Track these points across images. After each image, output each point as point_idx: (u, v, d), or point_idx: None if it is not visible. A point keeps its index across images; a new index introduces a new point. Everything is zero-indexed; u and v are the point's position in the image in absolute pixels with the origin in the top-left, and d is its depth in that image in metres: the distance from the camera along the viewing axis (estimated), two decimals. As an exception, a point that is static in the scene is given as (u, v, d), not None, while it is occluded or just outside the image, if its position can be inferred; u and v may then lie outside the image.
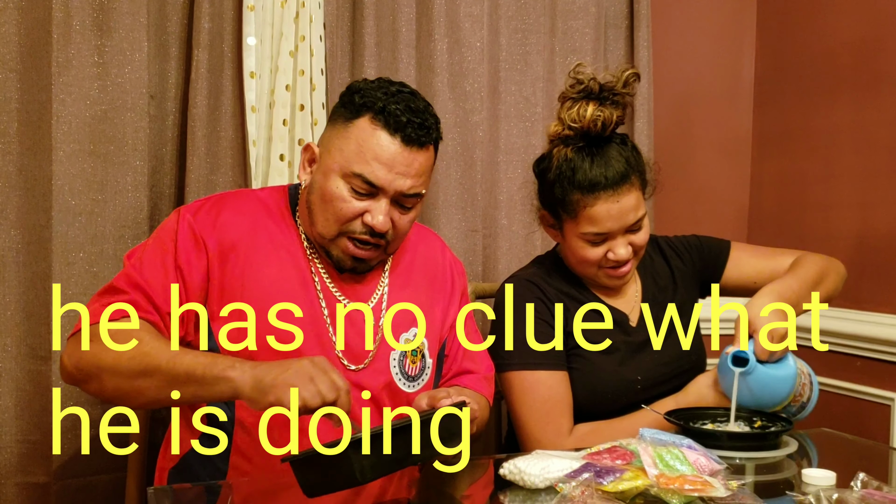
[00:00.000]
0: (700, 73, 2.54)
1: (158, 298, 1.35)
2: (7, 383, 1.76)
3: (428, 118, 1.40)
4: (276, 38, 1.93)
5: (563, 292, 1.69)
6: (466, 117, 2.15)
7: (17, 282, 1.77)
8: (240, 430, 1.38)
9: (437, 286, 1.58)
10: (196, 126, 1.88)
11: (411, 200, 1.41)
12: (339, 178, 1.38)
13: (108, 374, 1.28)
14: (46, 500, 1.78)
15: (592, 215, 1.57)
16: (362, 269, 1.46)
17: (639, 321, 1.71)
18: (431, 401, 1.31)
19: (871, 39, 2.20)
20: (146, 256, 1.39)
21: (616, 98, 1.59)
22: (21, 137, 1.76)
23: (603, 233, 1.59)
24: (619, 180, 1.56)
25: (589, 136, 1.59)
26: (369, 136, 1.36)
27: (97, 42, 1.80)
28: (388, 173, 1.36)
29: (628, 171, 1.58)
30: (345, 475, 1.09)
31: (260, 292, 1.39)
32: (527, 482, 1.23)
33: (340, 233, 1.40)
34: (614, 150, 1.59)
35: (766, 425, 1.50)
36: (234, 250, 1.40)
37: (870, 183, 2.20)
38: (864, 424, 2.17)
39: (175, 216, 1.43)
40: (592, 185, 1.56)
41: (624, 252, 1.61)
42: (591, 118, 1.56)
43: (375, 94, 1.38)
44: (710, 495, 1.13)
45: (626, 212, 1.58)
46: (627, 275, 1.66)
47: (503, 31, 2.21)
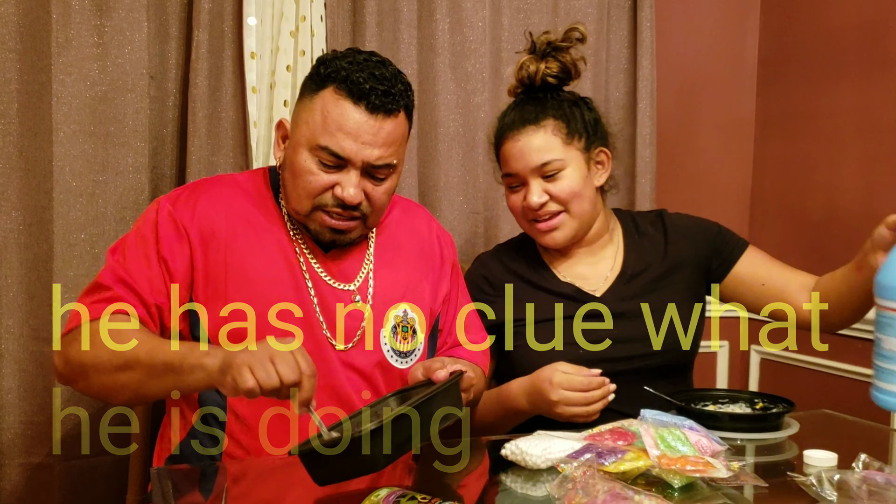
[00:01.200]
0: (703, 54, 2.53)
1: (144, 291, 1.35)
2: (9, 364, 1.76)
3: (396, 84, 1.37)
4: (277, 18, 1.91)
5: (515, 272, 1.70)
6: (468, 98, 2.14)
7: (18, 263, 1.77)
8: (234, 421, 1.38)
9: (426, 260, 1.57)
10: (197, 107, 1.87)
11: (383, 171, 1.39)
12: (307, 151, 1.36)
13: (91, 371, 1.28)
14: (49, 480, 1.79)
15: (504, 154, 1.65)
16: (343, 242, 1.44)
17: (607, 292, 1.66)
18: (427, 371, 1.31)
19: (876, 21, 2.19)
20: (129, 250, 1.38)
21: (555, 53, 1.65)
22: (21, 118, 1.76)
23: (512, 173, 1.64)
24: (525, 121, 1.62)
25: (527, 88, 1.68)
26: (333, 106, 1.34)
27: (97, 22, 1.79)
28: (354, 143, 1.34)
29: (540, 114, 1.62)
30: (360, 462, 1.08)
31: (244, 278, 1.38)
32: (528, 462, 1.23)
33: (314, 207, 1.38)
34: (542, 99, 1.65)
35: (768, 407, 1.50)
36: (214, 237, 1.39)
37: (873, 165, 2.19)
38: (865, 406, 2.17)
39: (154, 207, 1.42)
40: (505, 124, 1.65)
41: (536, 198, 1.60)
42: (522, 69, 1.66)
43: (340, 63, 1.36)
44: (712, 476, 1.13)
45: (528, 151, 1.60)
46: (554, 232, 1.63)
47: (505, 10, 2.19)
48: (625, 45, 2.33)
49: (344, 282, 1.46)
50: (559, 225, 1.63)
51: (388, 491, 1.07)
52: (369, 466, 1.09)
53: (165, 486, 1.16)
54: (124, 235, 1.45)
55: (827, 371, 2.28)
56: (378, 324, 1.46)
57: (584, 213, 1.64)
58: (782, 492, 1.22)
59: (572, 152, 1.61)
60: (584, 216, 1.64)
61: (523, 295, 1.67)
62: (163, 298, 1.36)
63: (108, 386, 1.29)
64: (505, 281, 1.69)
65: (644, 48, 2.27)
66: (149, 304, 1.35)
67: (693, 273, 1.70)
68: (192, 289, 1.38)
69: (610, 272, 1.69)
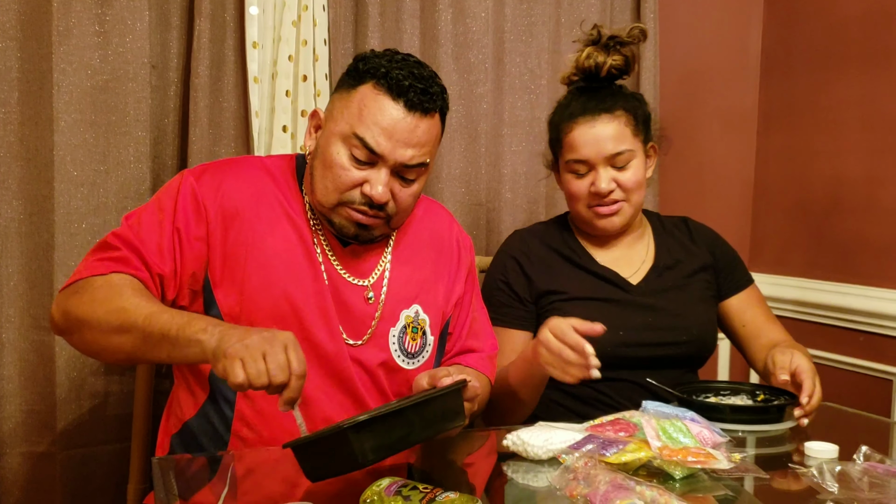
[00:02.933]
0: (707, 45, 2.52)
1: (151, 258, 1.33)
2: (11, 353, 1.76)
3: (433, 85, 1.38)
4: (279, 7, 1.91)
5: (556, 250, 1.74)
6: (471, 89, 2.13)
7: (19, 252, 1.76)
8: (242, 397, 1.38)
9: (443, 261, 1.56)
10: (198, 97, 1.86)
11: (413, 172, 1.39)
12: (340, 142, 1.36)
13: (86, 327, 1.27)
14: (51, 469, 1.79)
15: (572, 140, 1.67)
16: (365, 239, 1.44)
17: (642, 281, 1.72)
18: (432, 380, 1.30)
19: (879, 13, 2.18)
20: (144, 216, 1.38)
21: (619, 47, 1.69)
22: (22, 108, 1.75)
23: (582, 159, 1.66)
24: (600, 110, 1.65)
25: (589, 77, 1.71)
26: (371, 100, 1.35)
27: (98, 11, 1.79)
28: (389, 140, 1.34)
29: (613, 105, 1.66)
30: (346, 458, 1.07)
31: (263, 260, 1.38)
32: (530, 453, 1.23)
33: (340, 202, 1.38)
34: (608, 90, 1.70)
35: (769, 399, 1.50)
36: (237, 217, 1.39)
37: (877, 157, 2.19)
38: (865, 399, 2.18)
39: (178, 179, 1.42)
40: (575, 110, 1.67)
41: (605, 185, 1.65)
42: (588, 59, 1.69)
43: (380, 61, 1.37)
44: (713, 467, 1.13)
45: (603, 139, 1.64)
46: (614, 217, 1.68)
47: (508, 1, 2.18)
48: (629, 28, 2.32)
49: (359, 277, 1.45)
50: (618, 211, 1.69)
51: (390, 481, 1.07)
52: (353, 463, 1.08)
53: (166, 477, 1.16)
54: (144, 203, 1.44)
55: (828, 364, 2.28)
56: (389, 322, 1.46)
57: (640, 203, 1.72)
58: (783, 483, 1.22)
59: (637, 144, 1.69)
60: (638, 206, 1.72)
61: (564, 270, 1.72)
62: (169, 269, 1.35)
63: (102, 345, 1.27)
64: (544, 255, 1.74)
65: (647, 40, 2.26)
66: (153, 272, 1.34)
67: (712, 277, 1.78)
68: (209, 269, 1.38)
69: (642, 264, 1.75)
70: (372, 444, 1.08)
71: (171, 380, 1.76)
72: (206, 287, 1.38)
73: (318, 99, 1.91)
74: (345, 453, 1.07)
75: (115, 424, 1.84)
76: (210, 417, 1.40)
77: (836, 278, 2.30)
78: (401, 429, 1.13)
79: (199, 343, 1.16)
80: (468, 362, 1.56)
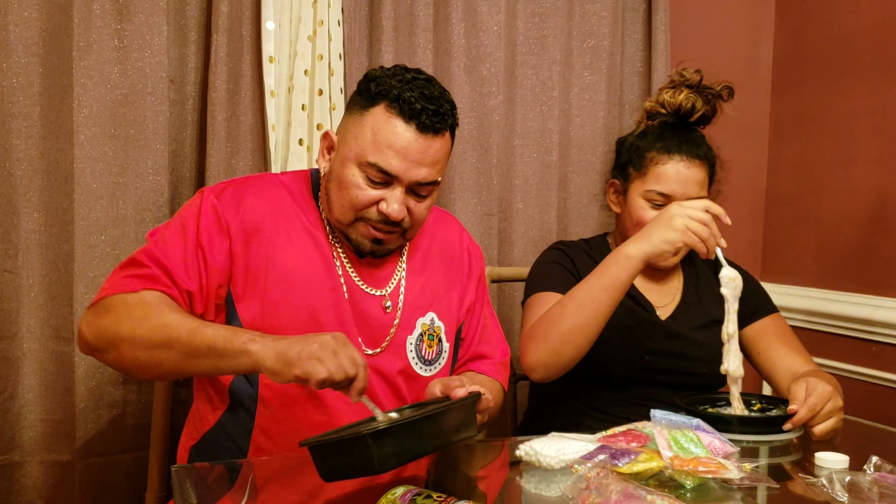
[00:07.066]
0: (718, 56, 2.53)
1: (179, 275, 1.36)
2: (31, 364, 1.79)
3: (443, 104, 1.40)
4: (295, 22, 1.94)
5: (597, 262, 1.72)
6: (483, 101, 2.15)
7: (39, 263, 1.79)
8: (262, 408, 1.40)
9: (454, 270, 1.59)
10: (216, 110, 1.89)
11: (426, 188, 1.42)
12: (355, 166, 1.39)
13: (126, 344, 1.29)
14: (70, 478, 1.82)
15: (662, 172, 1.70)
16: (381, 253, 1.47)
17: (670, 318, 1.76)
18: (445, 389, 1.32)
19: (890, 23, 2.18)
20: (169, 234, 1.40)
21: (709, 96, 1.77)
22: (43, 121, 1.78)
23: (666, 193, 1.70)
24: (695, 153, 1.71)
25: (678, 116, 1.77)
26: (384, 124, 1.37)
27: (117, 26, 1.82)
28: (403, 162, 1.37)
29: (706, 153, 1.74)
30: (363, 462, 1.10)
31: (284, 273, 1.41)
32: (543, 463, 1.24)
33: (357, 219, 1.41)
34: (697, 135, 1.77)
35: (766, 408, 1.52)
36: (258, 233, 1.42)
37: (888, 168, 2.19)
38: (878, 409, 2.17)
39: (199, 197, 1.45)
40: (671, 146, 1.71)
41: None
42: (686, 100, 1.76)
43: (391, 81, 1.39)
44: (724, 477, 1.14)
45: (692, 182, 1.70)
46: (676, 256, 1.72)
47: (520, 14, 2.21)
48: (639, 48, 2.34)
49: (376, 287, 1.48)
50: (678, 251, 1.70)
51: (405, 489, 1.08)
52: (369, 468, 1.11)
53: (185, 486, 1.18)
54: (167, 221, 1.47)
55: (839, 374, 2.28)
56: (406, 330, 1.49)
57: None
58: (794, 493, 1.23)
59: (707, 191, 1.75)
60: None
61: None
62: (195, 285, 1.37)
63: (142, 361, 1.29)
64: (588, 265, 1.74)
65: (658, 51, 2.28)
66: (181, 288, 1.36)
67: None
68: (231, 283, 1.41)
69: (672, 298, 1.80)
70: (389, 451, 1.10)
71: (188, 388, 1.79)
72: (228, 300, 1.40)
73: (334, 113, 1.94)
74: (362, 458, 1.09)
75: (134, 433, 1.86)
76: (228, 428, 1.42)
77: (847, 288, 2.30)
78: (417, 438, 1.15)
79: (250, 354, 1.20)
80: (481, 369, 1.58)
